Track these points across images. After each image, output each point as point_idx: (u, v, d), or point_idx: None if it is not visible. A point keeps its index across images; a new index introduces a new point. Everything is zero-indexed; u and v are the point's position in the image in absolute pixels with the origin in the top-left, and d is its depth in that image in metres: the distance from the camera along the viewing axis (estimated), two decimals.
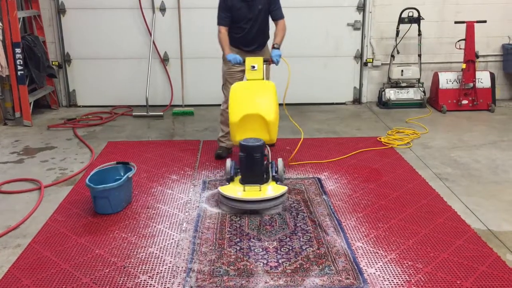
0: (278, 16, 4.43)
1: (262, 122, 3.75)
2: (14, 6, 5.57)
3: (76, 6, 6.52)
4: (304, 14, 6.57)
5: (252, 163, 3.57)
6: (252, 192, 3.50)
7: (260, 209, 3.47)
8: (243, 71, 4.35)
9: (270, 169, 3.72)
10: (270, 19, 4.50)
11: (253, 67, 4.05)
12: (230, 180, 3.66)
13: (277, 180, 3.66)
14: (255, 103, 3.82)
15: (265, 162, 3.75)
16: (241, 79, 4.45)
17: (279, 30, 4.40)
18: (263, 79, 4.06)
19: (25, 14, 6.16)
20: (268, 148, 3.92)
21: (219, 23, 4.37)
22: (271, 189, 3.55)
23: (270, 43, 4.54)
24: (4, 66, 5.53)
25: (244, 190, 3.51)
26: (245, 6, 4.30)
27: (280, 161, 3.79)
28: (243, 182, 3.60)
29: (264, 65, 4.10)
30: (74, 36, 6.63)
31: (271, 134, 3.79)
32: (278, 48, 4.26)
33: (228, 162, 3.85)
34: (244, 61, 4.14)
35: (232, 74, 4.47)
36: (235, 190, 3.54)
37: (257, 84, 4.01)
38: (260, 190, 3.51)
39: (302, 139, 4.67)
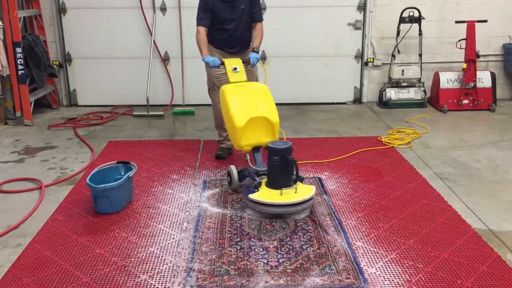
0: (257, 18, 4.38)
1: (267, 124, 3.75)
2: (15, 6, 5.57)
3: (77, 6, 6.52)
4: (304, 13, 6.57)
5: (286, 166, 3.46)
6: (290, 195, 3.39)
7: (300, 211, 3.41)
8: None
9: (297, 169, 3.60)
10: None
11: (235, 68, 4.03)
12: (258, 186, 3.52)
13: (302, 180, 3.58)
14: (258, 105, 3.79)
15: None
16: (227, 82, 4.31)
17: (258, 34, 4.35)
18: (246, 80, 4.04)
19: (26, 13, 6.16)
20: None
21: (199, 24, 4.27)
22: (303, 190, 3.47)
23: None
24: (4, 65, 5.53)
25: (281, 195, 3.39)
26: (227, 7, 4.24)
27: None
28: (275, 186, 3.45)
29: (243, 66, 4.11)
30: (75, 35, 6.63)
31: (275, 135, 3.79)
32: (257, 52, 4.25)
33: (233, 170, 3.82)
34: (222, 63, 4.09)
35: (219, 77, 4.38)
36: (272, 195, 3.41)
37: (251, 86, 3.99)
38: (295, 192, 3.42)
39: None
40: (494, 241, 3.13)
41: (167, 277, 2.77)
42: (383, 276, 2.76)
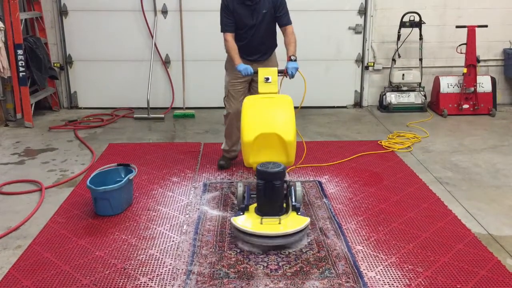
0: (285, 21, 4.03)
1: (279, 142, 3.33)
2: (16, 8, 5.58)
3: (78, 8, 6.54)
4: (305, 17, 6.58)
5: (272, 192, 3.12)
6: (270, 226, 3.04)
7: (279, 246, 3.03)
8: (247, 82, 4.15)
9: (290, 196, 3.29)
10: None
11: (267, 79, 3.64)
12: (244, 209, 3.23)
13: (298, 210, 3.22)
14: (271, 120, 3.40)
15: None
16: (244, 91, 4.17)
17: (291, 40, 3.98)
18: (278, 92, 3.67)
19: (27, 15, 6.18)
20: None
21: (224, 30, 3.99)
22: (291, 222, 3.09)
23: (277, 51, 4.30)
24: (6, 67, 5.54)
25: (261, 223, 3.06)
26: (247, 11, 3.95)
27: (298, 185, 3.41)
28: (260, 213, 3.16)
29: (279, 77, 3.74)
30: (76, 38, 6.64)
31: (289, 156, 3.38)
32: (295, 60, 3.85)
33: (240, 187, 3.47)
34: (256, 72, 3.75)
35: (234, 86, 4.15)
36: (251, 222, 3.10)
37: (272, 99, 3.58)
38: (279, 223, 3.06)
39: (305, 150, 4.48)
40: (494, 245, 3.13)
41: (167, 280, 2.76)
42: (383, 280, 2.76)
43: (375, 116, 6.43)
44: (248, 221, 3.13)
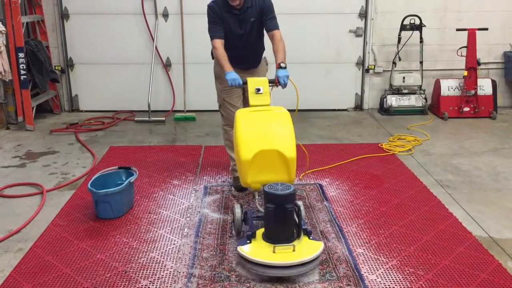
0: (272, 26, 3.79)
1: (280, 160, 3.08)
2: (18, 11, 5.60)
3: (79, 12, 6.55)
4: (306, 20, 6.59)
5: (284, 216, 2.82)
6: (284, 255, 2.74)
7: (296, 275, 2.77)
8: (243, 89, 3.90)
9: (299, 219, 2.99)
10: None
11: (258, 90, 3.40)
12: (251, 237, 2.90)
13: (309, 233, 2.93)
14: (271, 136, 3.14)
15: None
16: (240, 95, 3.94)
17: (279, 45, 3.71)
18: (270, 104, 3.42)
19: (29, 19, 6.19)
20: None
21: (212, 37, 3.75)
22: (306, 248, 2.82)
23: (265, 54, 4.11)
24: (7, 70, 5.55)
25: (273, 252, 2.76)
26: (235, 21, 3.75)
27: (301, 205, 3.17)
28: (271, 240, 2.85)
29: (271, 88, 3.52)
30: (77, 41, 6.66)
31: (291, 174, 3.11)
32: (285, 68, 3.57)
33: (237, 209, 3.22)
34: (245, 83, 3.50)
35: (229, 92, 3.88)
36: (262, 252, 2.78)
37: (268, 112, 3.32)
38: (294, 251, 2.77)
39: (308, 157, 4.38)
40: (495, 248, 3.13)
41: (167, 283, 2.77)
42: (384, 283, 2.76)
43: (376, 119, 6.44)
44: (258, 250, 2.81)
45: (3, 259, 3.03)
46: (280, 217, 2.83)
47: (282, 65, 3.58)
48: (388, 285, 2.74)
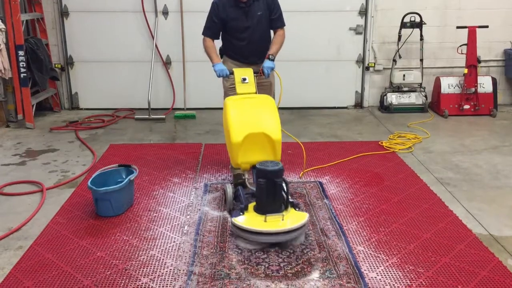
0: (278, 24, 4.01)
1: (267, 141, 3.39)
2: (17, 9, 5.59)
3: (79, 9, 6.55)
4: (306, 18, 6.58)
5: (275, 190, 3.13)
6: (275, 223, 3.06)
7: (285, 241, 3.08)
8: None
9: (287, 193, 3.27)
10: None
11: (244, 79, 3.69)
12: (243, 209, 3.23)
13: (296, 206, 3.27)
14: (258, 120, 3.44)
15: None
16: None
17: (278, 40, 3.98)
18: (256, 92, 3.71)
19: (29, 16, 6.19)
20: None
21: (204, 33, 3.96)
22: (293, 218, 3.14)
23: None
24: (7, 68, 5.55)
25: (265, 221, 3.07)
26: (242, 14, 3.88)
27: (288, 182, 3.54)
28: (262, 211, 3.15)
29: (255, 77, 3.78)
30: (77, 39, 6.65)
31: (277, 154, 3.43)
32: (273, 60, 3.88)
33: (229, 188, 3.57)
34: (232, 73, 3.77)
35: (234, 90, 3.88)
36: (255, 221, 3.10)
37: (255, 99, 3.64)
38: (283, 220, 3.09)
39: (304, 154, 4.40)
40: (495, 246, 3.13)
41: (168, 281, 2.77)
42: (384, 281, 2.76)
43: (376, 117, 6.43)
44: (251, 220, 3.13)
45: (3, 257, 3.03)
46: (271, 190, 3.14)
47: (271, 57, 3.89)
48: (388, 283, 2.74)
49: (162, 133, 5.74)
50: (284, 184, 3.22)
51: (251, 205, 3.28)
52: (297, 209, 3.25)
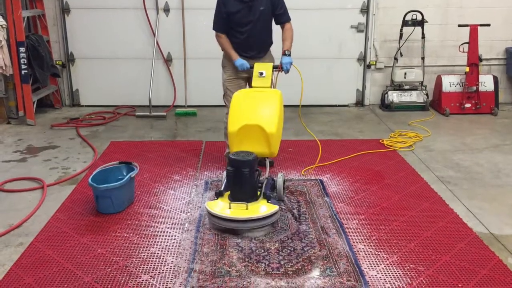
0: (284, 19, 4.10)
1: (262, 134, 3.47)
2: (18, 5, 5.59)
3: (80, 6, 6.54)
4: (308, 16, 6.57)
5: (240, 179, 3.28)
6: (237, 211, 3.21)
7: (244, 230, 3.20)
8: (245, 79, 4.17)
9: (264, 186, 3.44)
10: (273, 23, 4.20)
11: (261, 73, 3.82)
12: (218, 195, 3.40)
13: (268, 198, 3.36)
14: (256, 113, 3.56)
15: (261, 178, 3.57)
16: (243, 87, 4.18)
17: (288, 35, 4.08)
18: (271, 87, 3.84)
19: (30, 13, 6.18)
20: (267, 162, 3.72)
21: (217, 29, 4.10)
22: (259, 208, 3.25)
23: (273, 48, 4.33)
24: (8, 65, 5.54)
25: (229, 208, 3.24)
26: (245, 8, 3.97)
27: (280, 177, 3.63)
28: (231, 198, 3.33)
29: (274, 73, 3.89)
30: (78, 35, 6.65)
31: (272, 147, 3.51)
32: (289, 55, 3.97)
33: (224, 174, 3.63)
34: (252, 67, 3.92)
35: (232, 82, 4.20)
36: (220, 206, 3.29)
37: (261, 92, 3.76)
38: (246, 209, 3.21)
39: (320, 152, 4.40)
40: (496, 245, 3.13)
41: (168, 278, 2.77)
42: (384, 279, 2.76)
43: (377, 115, 6.43)
44: (218, 206, 3.29)
45: (4, 253, 3.03)
46: (237, 179, 3.29)
47: (287, 52, 3.99)
48: (389, 281, 2.74)
49: (163, 130, 5.74)
50: (257, 175, 3.38)
51: (227, 193, 3.42)
52: (269, 201, 3.33)
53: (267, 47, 4.26)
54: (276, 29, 4.28)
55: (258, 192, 3.42)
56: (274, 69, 3.90)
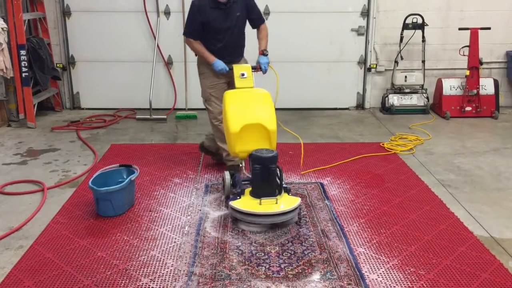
0: (259, 22, 4.16)
1: (263, 132, 3.61)
2: (19, 8, 5.60)
3: (81, 9, 6.55)
4: (308, 19, 6.58)
5: (269, 175, 3.39)
6: (269, 206, 3.32)
7: (279, 223, 3.33)
8: (227, 83, 4.17)
9: (281, 179, 3.51)
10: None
11: (243, 74, 3.90)
12: (240, 194, 3.49)
13: (288, 190, 3.51)
14: (255, 112, 3.66)
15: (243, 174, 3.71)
16: (225, 90, 4.12)
17: (264, 34, 4.13)
18: (253, 87, 3.93)
19: (31, 16, 6.19)
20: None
21: (190, 36, 4.03)
22: (286, 201, 3.40)
23: (248, 48, 4.31)
24: (8, 67, 5.55)
25: (260, 204, 3.33)
26: (222, 15, 3.96)
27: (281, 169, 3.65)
28: (257, 195, 3.41)
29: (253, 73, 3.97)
30: (79, 38, 6.65)
31: (272, 144, 3.65)
32: (267, 55, 4.03)
33: (227, 175, 3.76)
34: (231, 69, 3.96)
35: (215, 88, 4.16)
36: (251, 204, 3.36)
37: (252, 92, 3.87)
38: (276, 203, 3.34)
39: (302, 147, 4.44)
40: (496, 248, 3.12)
41: (168, 281, 2.76)
42: (385, 283, 2.75)
43: (378, 118, 6.43)
44: (247, 203, 3.37)
45: (3, 256, 3.03)
46: (265, 175, 3.40)
47: (265, 52, 4.05)
48: (389, 285, 2.73)
49: (163, 133, 5.74)
50: (278, 170, 3.45)
51: (247, 190, 3.52)
52: (289, 194, 3.50)
53: (243, 51, 4.28)
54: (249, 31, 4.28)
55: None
56: (253, 70, 3.99)
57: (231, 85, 4.13)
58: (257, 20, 4.18)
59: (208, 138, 4.55)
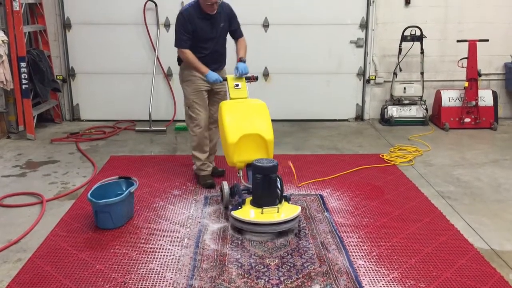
0: (238, 34, 4.31)
1: (261, 142, 3.68)
2: (20, 21, 5.63)
3: (81, 22, 6.59)
4: (307, 31, 6.62)
5: (270, 184, 3.42)
6: (271, 215, 3.36)
7: (281, 231, 3.36)
8: (206, 91, 4.26)
9: (281, 188, 3.55)
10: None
11: (237, 85, 3.99)
12: (241, 203, 3.52)
13: (288, 199, 3.56)
14: (252, 122, 3.73)
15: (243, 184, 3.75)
16: (206, 98, 4.29)
17: (242, 45, 4.28)
18: (247, 97, 4.00)
19: (31, 28, 6.22)
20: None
21: (181, 46, 4.11)
22: (287, 210, 3.43)
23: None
24: (9, 79, 5.56)
25: (262, 213, 3.36)
26: (208, 25, 4.12)
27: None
28: (258, 204, 3.44)
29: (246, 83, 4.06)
30: (79, 51, 6.68)
31: (269, 153, 3.72)
32: (245, 62, 4.13)
33: (225, 186, 3.80)
34: (225, 80, 4.06)
35: (198, 95, 4.24)
36: (252, 213, 3.41)
37: (248, 103, 3.93)
38: (278, 212, 3.38)
39: (294, 170, 4.23)
40: (497, 261, 3.11)
41: None
42: None
43: (377, 130, 6.43)
44: (250, 213, 3.41)
45: (2, 269, 3.01)
46: (267, 184, 3.42)
47: (243, 59, 4.15)
48: None
49: (163, 145, 5.74)
50: (278, 180, 3.47)
51: (248, 200, 3.55)
52: (289, 202, 3.55)
53: (225, 58, 4.43)
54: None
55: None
56: (247, 81, 4.06)
57: (210, 93, 4.33)
58: (236, 32, 4.32)
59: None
